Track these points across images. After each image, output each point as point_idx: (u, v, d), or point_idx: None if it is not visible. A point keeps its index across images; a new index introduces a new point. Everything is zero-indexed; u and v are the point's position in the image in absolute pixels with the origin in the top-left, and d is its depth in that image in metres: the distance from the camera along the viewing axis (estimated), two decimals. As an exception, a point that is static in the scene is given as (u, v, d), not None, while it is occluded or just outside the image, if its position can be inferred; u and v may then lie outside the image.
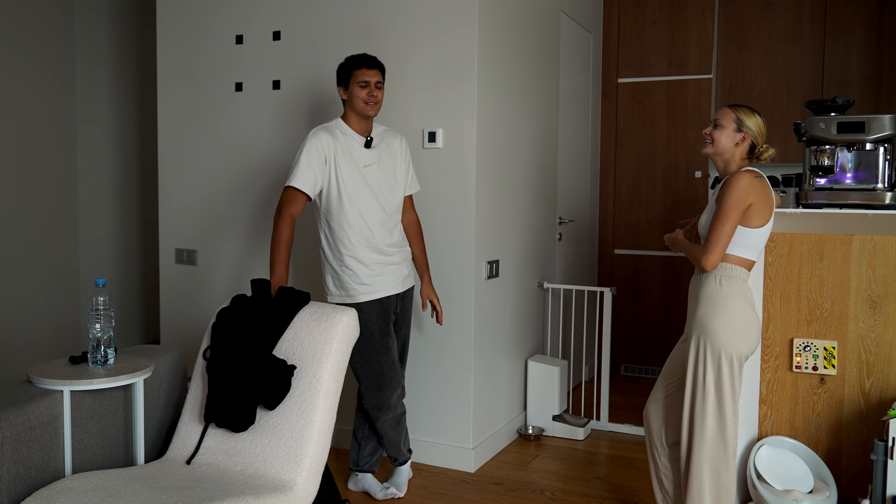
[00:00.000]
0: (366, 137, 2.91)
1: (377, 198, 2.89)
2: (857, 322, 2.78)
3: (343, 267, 2.87)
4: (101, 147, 5.27)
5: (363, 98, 2.85)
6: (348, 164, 2.85)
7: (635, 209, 5.11)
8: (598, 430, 4.04)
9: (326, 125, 2.90)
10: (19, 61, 4.63)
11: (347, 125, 2.91)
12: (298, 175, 2.80)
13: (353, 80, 2.86)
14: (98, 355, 2.35)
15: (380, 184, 2.91)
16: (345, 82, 2.89)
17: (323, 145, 2.82)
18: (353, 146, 2.87)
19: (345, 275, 2.88)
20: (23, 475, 2.11)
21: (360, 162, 2.87)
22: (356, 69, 2.86)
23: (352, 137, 2.89)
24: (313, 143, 2.82)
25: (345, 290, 2.89)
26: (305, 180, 2.80)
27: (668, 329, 4.99)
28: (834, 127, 2.91)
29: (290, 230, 2.77)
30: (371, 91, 2.86)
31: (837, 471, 2.82)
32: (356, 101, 2.86)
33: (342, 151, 2.85)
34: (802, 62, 4.78)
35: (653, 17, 4.99)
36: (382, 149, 2.95)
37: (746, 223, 2.45)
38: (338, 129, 2.89)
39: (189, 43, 3.96)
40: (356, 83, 2.85)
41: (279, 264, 2.72)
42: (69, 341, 5.02)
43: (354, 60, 2.88)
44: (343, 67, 2.90)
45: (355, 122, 2.91)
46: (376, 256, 2.89)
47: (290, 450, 2.26)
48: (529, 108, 3.94)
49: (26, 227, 4.73)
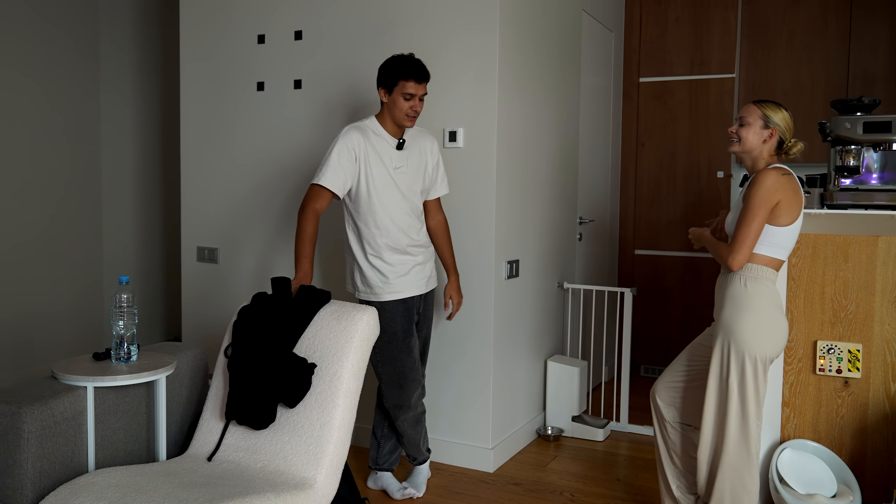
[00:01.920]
0: (398, 139, 2.90)
1: (406, 199, 2.89)
2: (882, 325, 2.74)
3: (369, 265, 2.87)
4: (125, 145, 5.32)
5: (405, 110, 2.80)
6: (379, 164, 2.83)
7: (656, 209, 5.07)
8: (618, 431, 4.02)
9: (359, 124, 2.86)
10: (44, 63, 4.69)
11: (381, 126, 2.87)
12: (328, 173, 2.77)
13: (397, 88, 2.78)
14: (121, 352, 2.38)
15: (408, 185, 2.89)
16: (388, 87, 2.81)
17: (354, 144, 2.79)
18: (384, 147, 2.85)
19: (371, 273, 2.88)
20: (47, 470, 2.14)
21: (391, 164, 2.85)
22: (404, 80, 2.78)
23: (384, 138, 2.86)
24: (345, 141, 2.79)
25: (370, 287, 2.89)
26: (334, 179, 2.77)
27: (689, 330, 4.95)
28: (860, 127, 2.87)
29: (314, 226, 2.74)
30: (414, 105, 2.81)
31: (861, 475, 2.79)
32: (397, 111, 2.81)
33: (373, 152, 2.82)
34: (827, 61, 4.72)
35: (675, 16, 4.95)
36: (413, 150, 2.93)
37: (774, 221, 2.42)
38: (370, 128, 2.86)
39: (211, 43, 3.99)
40: (401, 93, 2.78)
41: (304, 260, 2.70)
42: (93, 338, 5.08)
43: (404, 69, 2.78)
44: (390, 71, 2.80)
45: (389, 124, 2.87)
46: (402, 257, 2.89)
47: (310, 448, 2.27)
48: (550, 108, 3.93)
49: (51, 226, 4.79)
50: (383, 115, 2.88)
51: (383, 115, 2.88)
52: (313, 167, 3.72)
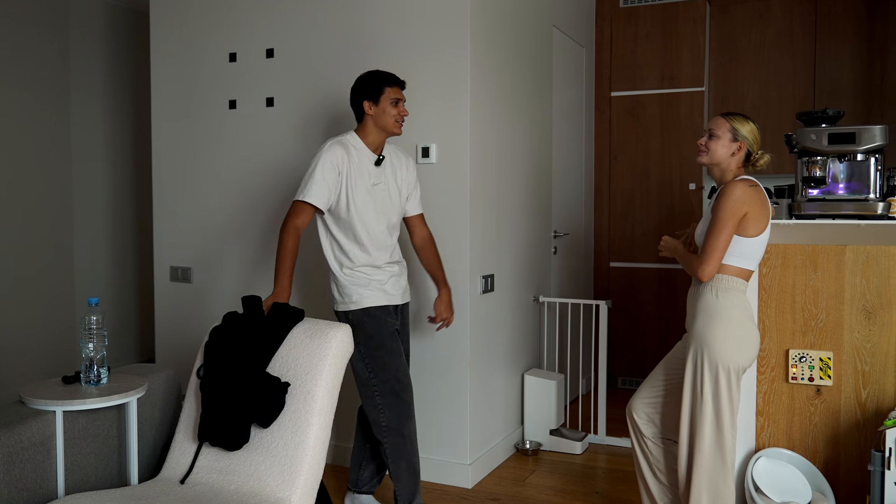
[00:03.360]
0: (378, 155, 2.90)
1: (383, 214, 2.88)
2: (852, 332, 2.78)
3: (346, 277, 2.86)
4: (96, 164, 5.27)
5: (395, 116, 2.81)
6: (359, 180, 2.82)
7: (630, 222, 5.11)
8: (596, 443, 4.03)
9: (341, 139, 2.84)
10: (13, 85, 4.64)
11: (362, 140, 2.87)
12: (312, 189, 2.76)
13: (384, 96, 2.80)
14: (91, 375, 2.34)
15: (384, 201, 2.89)
16: (374, 97, 2.81)
17: (338, 159, 2.78)
18: (364, 162, 2.85)
19: (348, 284, 2.86)
20: (15, 497, 2.09)
21: (370, 179, 2.86)
22: (388, 86, 2.81)
23: (364, 154, 2.86)
24: (329, 156, 2.77)
25: (349, 297, 2.86)
26: (319, 195, 2.76)
27: (665, 341, 4.98)
28: (825, 138, 2.92)
29: (295, 242, 2.73)
30: (402, 110, 2.83)
31: (835, 482, 2.81)
32: (387, 117, 2.81)
33: (355, 167, 2.81)
34: (794, 74, 4.81)
35: (644, 31, 5.02)
36: (390, 167, 2.94)
37: (743, 232, 2.45)
38: (351, 143, 2.85)
39: (183, 60, 3.97)
40: (389, 100, 2.80)
41: (283, 275, 2.68)
42: (63, 361, 5.00)
43: (387, 77, 2.82)
44: (372, 82, 2.82)
45: (373, 137, 2.86)
46: (378, 269, 2.89)
47: (284, 468, 2.25)
48: (523, 123, 3.96)
49: (20, 245, 4.72)
50: (364, 129, 2.87)
51: (364, 129, 2.87)
52: (286, 184, 3.70)
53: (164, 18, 4.01)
